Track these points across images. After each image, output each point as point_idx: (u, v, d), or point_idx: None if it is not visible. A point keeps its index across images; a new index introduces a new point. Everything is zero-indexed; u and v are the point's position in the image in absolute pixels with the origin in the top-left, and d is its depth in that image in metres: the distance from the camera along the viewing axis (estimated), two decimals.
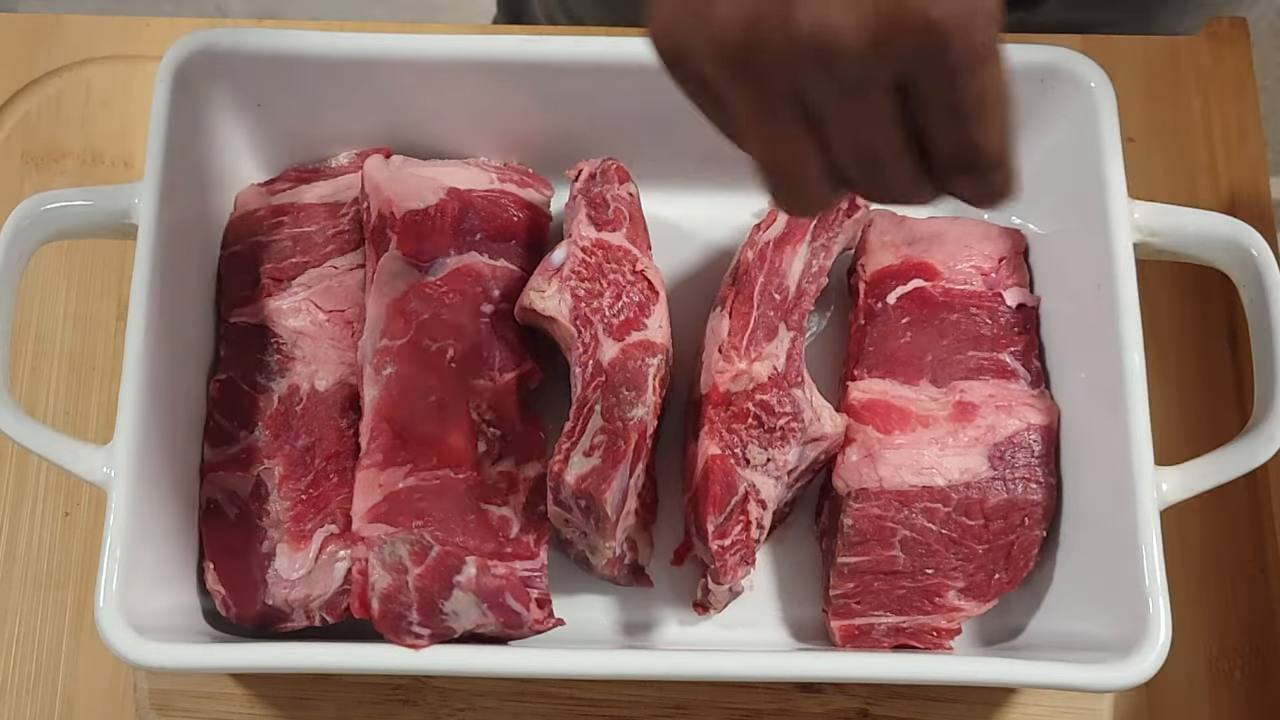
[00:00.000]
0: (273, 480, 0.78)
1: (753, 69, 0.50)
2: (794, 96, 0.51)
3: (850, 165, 0.53)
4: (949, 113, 0.51)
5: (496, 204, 0.83)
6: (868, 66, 0.49)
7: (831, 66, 0.49)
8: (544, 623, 0.75)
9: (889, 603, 0.78)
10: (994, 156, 0.52)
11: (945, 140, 0.52)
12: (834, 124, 0.51)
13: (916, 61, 0.49)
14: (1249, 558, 0.87)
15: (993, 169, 0.53)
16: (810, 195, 0.55)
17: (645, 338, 0.78)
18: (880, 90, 0.50)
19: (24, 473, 0.87)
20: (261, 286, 0.82)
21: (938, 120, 0.51)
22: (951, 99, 0.50)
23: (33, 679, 0.83)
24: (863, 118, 0.51)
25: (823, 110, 0.51)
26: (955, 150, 0.52)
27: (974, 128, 0.51)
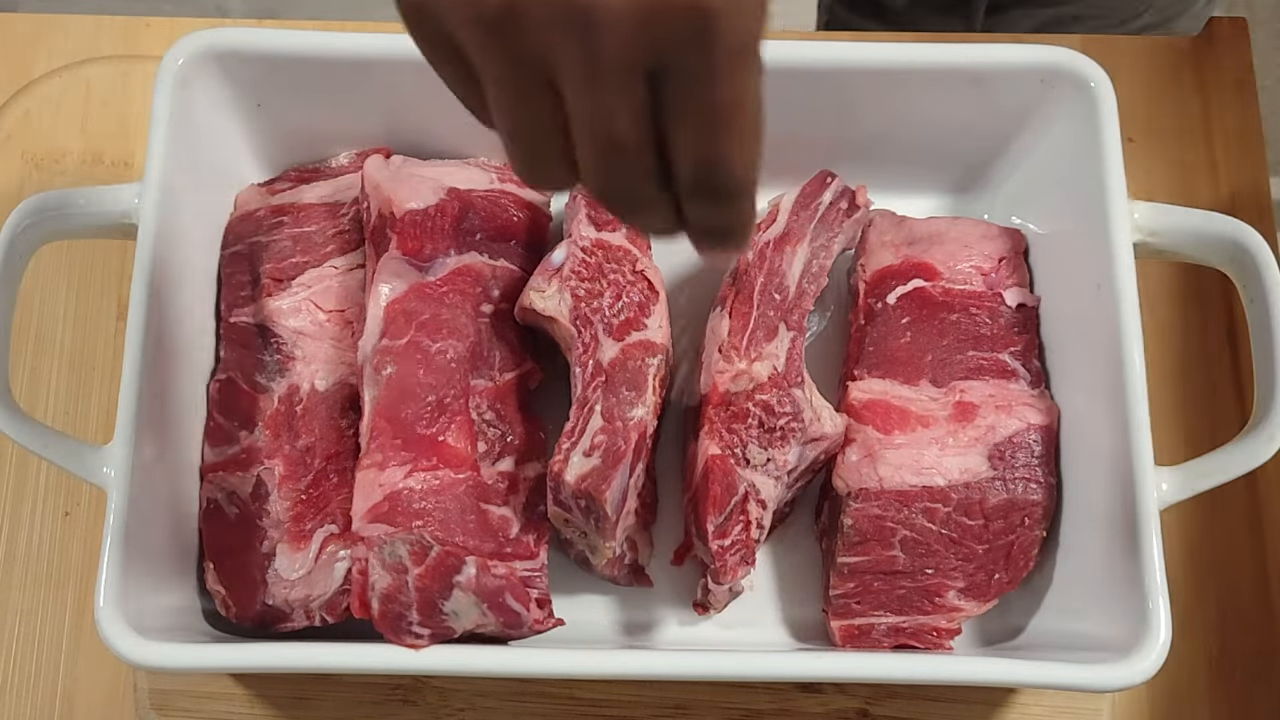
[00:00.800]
0: (273, 480, 0.78)
1: (508, 35, 0.47)
2: (546, 67, 0.48)
3: (588, 151, 0.50)
4: (699, 115, 0.48)
5: (496, 204, 0.83)
6: (626, 41, 0.46)
7: (590, 37, 0.46)
8: (544, 623, 0.75)
9: (889, 603, 0.78)
10: (737, 180, 0.50)
11: (689, 147, 0.49)
12: (579, 102, 0.48)
13: (677, 45, 0.46)
14: (1249, 558, 0.87)
15: (732, 196, 0.50)
16: (547, 173, 0.52)
17: (645, 338, 0.78)
18: (633, 74, 0.47)
19: (24, 473, 0.87)
20: (261, 286, 0.82)
21: (686, 122, 0.48)
22: (705, 97, 0.47)
23: (33, 679, 0.84)
24: (610, 100, 0.48)
25: (572, 86, 0.48)
26: (698, 160, 0.49)
27: (722, 138, 0.48)
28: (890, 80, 0.82)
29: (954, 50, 0.82)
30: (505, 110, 0.50)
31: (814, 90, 0.83)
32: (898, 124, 0.85)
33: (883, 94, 0.83)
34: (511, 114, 0.50)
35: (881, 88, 0.83)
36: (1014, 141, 0.86)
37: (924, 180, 0.90)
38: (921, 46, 0.82)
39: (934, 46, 0.82)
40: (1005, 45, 0.82)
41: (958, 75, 0.82)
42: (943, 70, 0.82)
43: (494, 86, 0.50)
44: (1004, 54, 0.82)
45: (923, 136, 0.86)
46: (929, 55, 0.82)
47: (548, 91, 0.49)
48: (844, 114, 0.84)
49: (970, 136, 0.86)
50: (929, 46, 0.82)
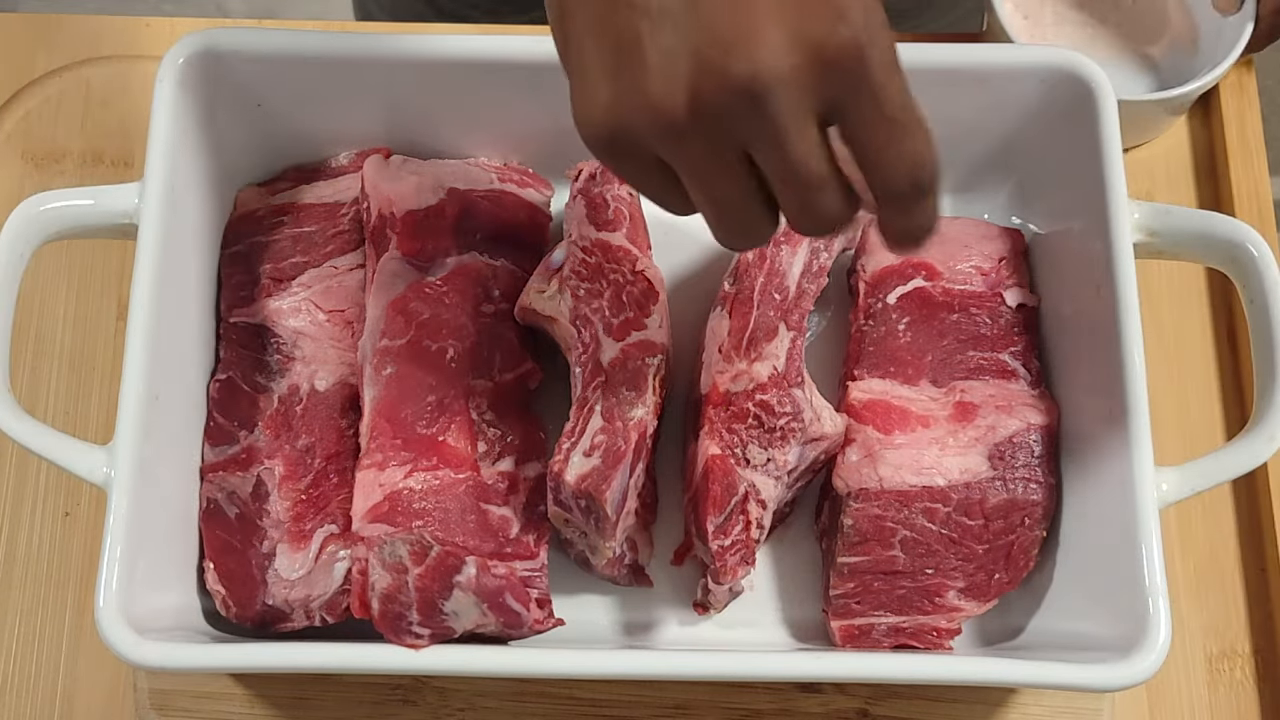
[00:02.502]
0: (273, 480, 0.78)
1: (700, 131, 0.51)
2: (737, 143, 0.52)
3: (792, 198, 0.54)
4: (881, 129, 0.52)
5: (497, 204, 0.83)
6: (797, 99, 0.51)
7: (768, 108, 0.51)
8: (544, 623, 0.75)
9: (889, 603, 0.78)
10: (930, 172, 0.54)
11: (883, 159, 0.53)
12: (773, 161, 0.53)
13: (841, 86, 0.51)
14: (1249, 558, 0.87)
15: (928, 190, 0.55)
16: (757, 231, 0.57)
17: (645, 338, 0.78)
18: (810, 121, 0.52)
19: (24, 473, 0.87)
20: (261, 286, 0.82)
21: (873, 138, 0.53)
22: (880, 113, 0.52)
23: (33, 679, 0.83)
24: (799, 150, 0.52)
25: (763, 150, 0.52)
26: (895, 166, 0.53)
27: (908, 139, 0.53)
28: None
29: (955, 50, 0.82)
30: (711, 193, 0.55)
31: None
32: None
33: None
34: (719, 194, 0.55)
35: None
36: (1014, 141, 0.85)
37: None
38: (923, 47, 0.81)
39: (935, 47, 0.82)
40: (1005, 46, 0.82)
41: (959, 76, 0.82)
42: (944, 70, 0.82)
43: (696, 176, 0.54)
44: (1004, 54, 0.82)
45: None
46: (930, 55, 0.82)
47: (742, 163, 0.54)
48: None
49: (970, 136, 0.86)
50: (930, 47, 0.82)
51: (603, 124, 0.53)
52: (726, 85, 0.50)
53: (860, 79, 0.51)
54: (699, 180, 0.54)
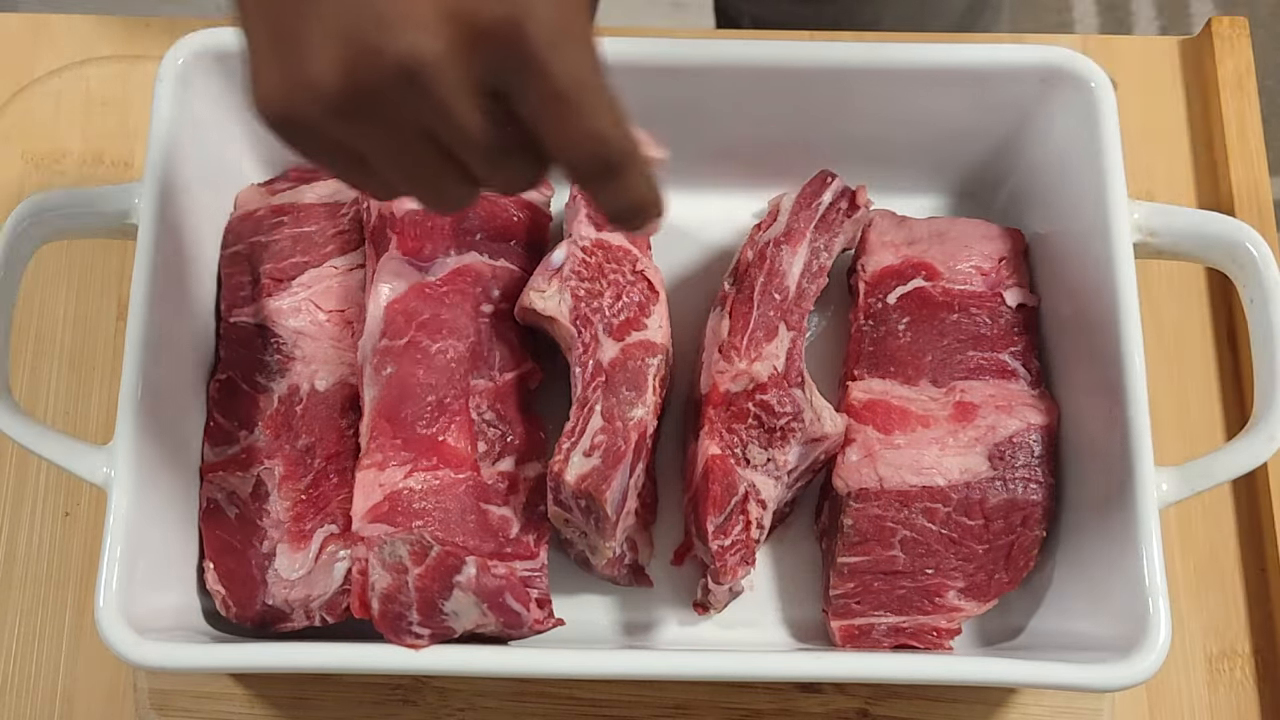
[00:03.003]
0: (273, 480, 0.78)
1: (366, 113, 0.51)
2: (410, 119, 0.52)
3: (478, 167, 0.54)
4: (546, 106, 0.52)
5: (496, 204, 0.83)
6: (455, 79, 0.50)
7: (427, 88, 0.50)
8: (544, 623, 0.75)
9: (889, 603, 0.78)
10: (611, 150, 0.53)
11: (555, 137, 0.53)
12: (448, 135, 0.53)
13: (499, 62, 0.51)
14: (1249, 558, 0.87)
15: (615, 168, 0.54)
16: (455, 198, 0.57)
17: (645, 338, 0.78)
18: (475, 98, 0.51)
19: (24, 473, 0.87)
20: (261, 286, 0.82)
21: (541, 116, 0.52)
22: (544, 90, 0.51)
23: (33, 679, 0.84)
24: (463, 128, 0.52)
25: (435, 125, 0.52)
26: (567, 144, 0.53)
27: (575, 117, 0.52)
28: (890, 80, 0.82)
29: (954, 50, 0.82)
30: (399, 170, 0.55)
31: (814, 90, 0.83)
32: (898, 124, 0.85)
33: (883, 94, 0.83)
34: (406, 170, 0.55)
35: (881, 88, 0.83)
36: (1014, 141, 0.86)
37: (924, 180, 0.90)
38: (921, 46, 0.82)
39: (934, 46, 0.82)
40: (1005, 45, 0.82)
41: (958, 75, 0.82)
42: (943, 70, 0.82)
43: (376, 156, 0.54)
44: (1004, 54, 0.82)
45: (923, 136, 0.86)
46: (929, 55, 0.82)
47: (423, 138, 0.53)
48: (844, 114, 0.84)
49: (970, 136, 0.86)
50: (929, 46, 0.82)
51: (272, 108, 0.52)
52: (380, 64, 0.50)
53: (519, 55, 0.50)
54: (380, 159, 0.54)
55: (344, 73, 0.50)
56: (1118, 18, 2.00)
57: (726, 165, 0.88)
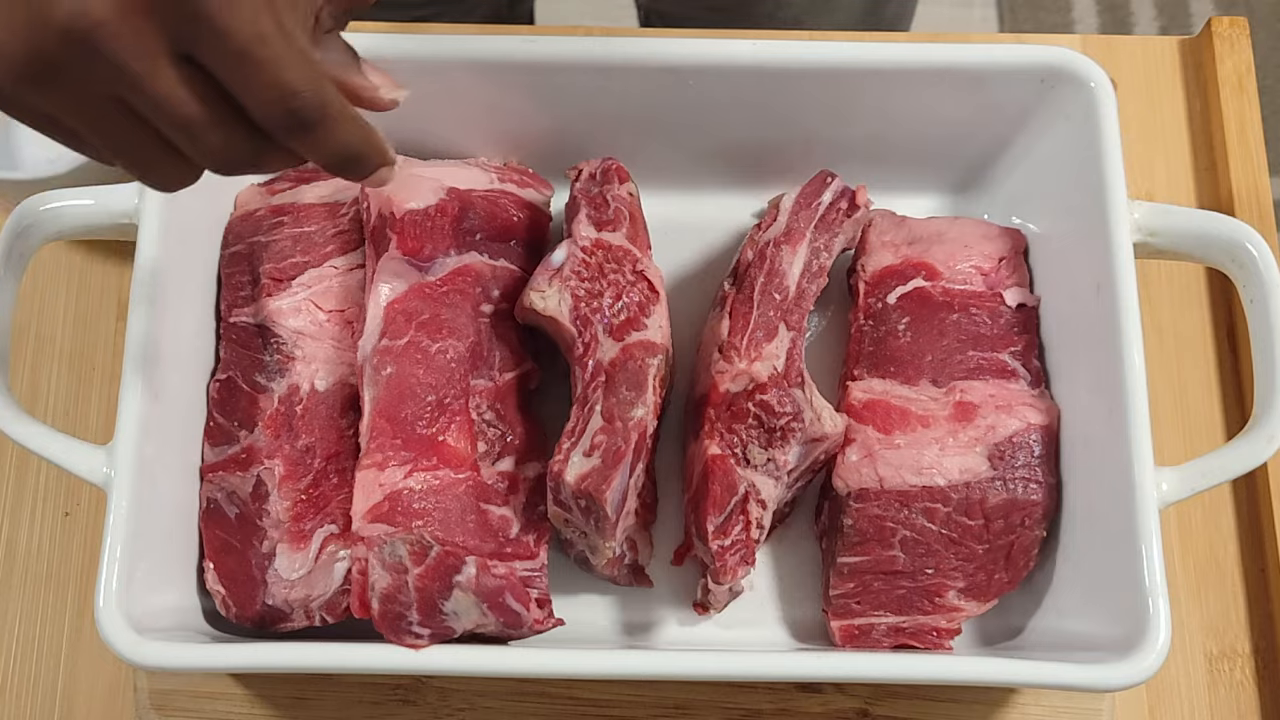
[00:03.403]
0: (273, 480, 0.78)
1: (53, 82, 0.51)
2: (100, 89, 0.52)
3: (177, 139, 0.54)
4: (229, 65, 0.52)
5: (496, 204, 0.83)
6: (138, 44, 0.50)
7: (104, 55, 0.50)
8: (544, 623, 0.75)
9: (889, 603, 0.79)
10: (303, 103, 0.53)
11: (245, 96, 0.53)
12: (141, 105, 0.52)
13: (175, 24, 0.51)
14: (1249, 558, 0.87)
15: (312, 123, 0.54)
16: (166, 173, 0.56)
17: (645, 338, 0.78)
18: (164, 62, 0.51)
19: (24, 473, 0.87)
20: (261, 286, 0.82)
21: (228, 76, 0.52)
22: (223, 49, 0.51)
23: (33, 679, 0.84)
24: (159, 90, 0.52)
25: (127, 95, 0.52)
26: (258, 102, 0.53)
27: (258, 73, 0.52)
28: (890, 80, 0.82)
29: (954, 50, 0.82)
30: (104, 140, 0.54)
31: (814, 91, 0.83)
32: (898, 124, 0.85)
33: (883, 94, 0.83)
34: (110, 140, 0.54)
35: (881, 88, 0.83)
36: (1014, 141, 0.86)
37: (924, 180, 0.90)
38: (921, 46, 0.82)
39: (934, 46, 0.82)
40: (1005, 45, 0.82)
41: (958, 75, 0.82)
42: (943, 70, 0.82)
43: (81, 125, 0.54)
44: (1004, 54, 0.82)
45: (923, 136, 0.86)
46: (929, 55, 0.82)
47: (120, 108, 0.53)
48: (844, 114, 0.84)
49: (970, 136, 0.86)
50: (929, 46, 0.82)
51: None
52: (50, 29, 0.49)
53: (193, 14, 0.50)
54: (83, 129, 0.54)
55: (23, 39, 0.50)
56: (1118, 18, 2.00)
57: (727, 165, 0.89)
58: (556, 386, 0.82)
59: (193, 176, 0.57)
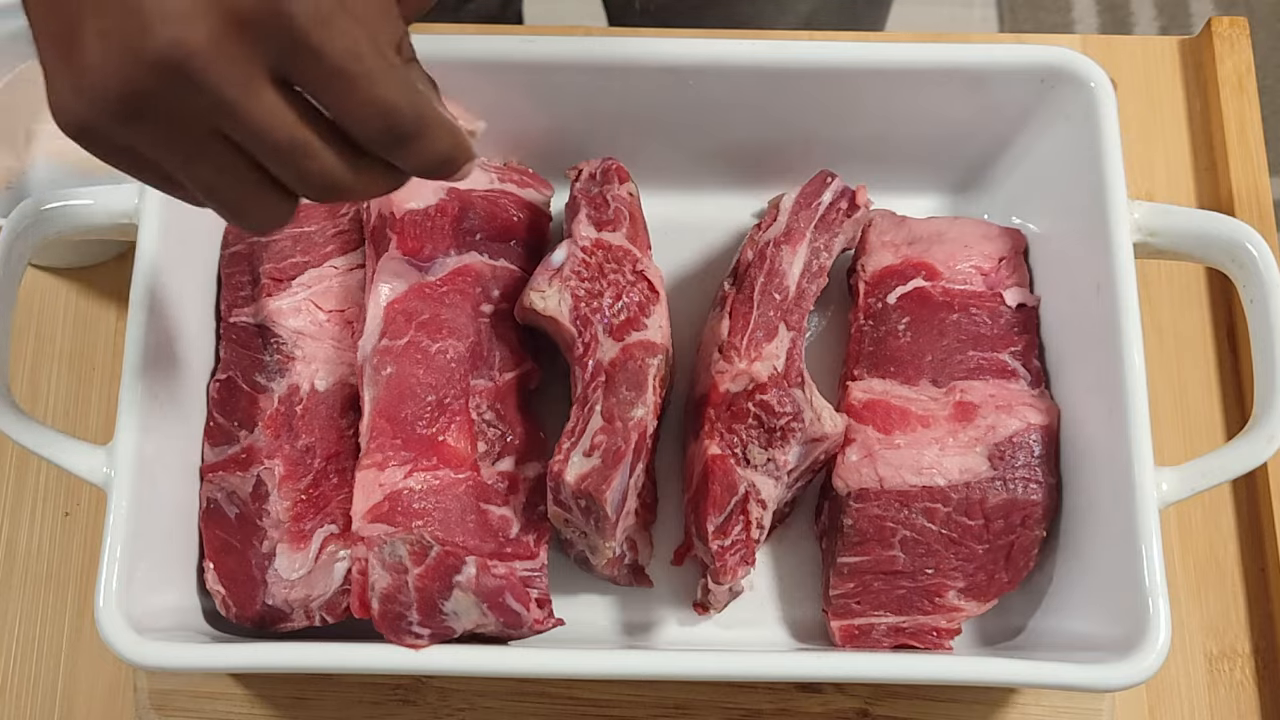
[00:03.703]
0: (273, 480, 0.78)
1: (148, 117, 0.51)
2: (196, 121, 0.51)
3: (278, 167, 0.53)
4: (328, 84, 0.51)
5: (496, 204, 0.83)
6: (235, 70, 0.50)
7: (200, 83, 0.49)
8: (544, 623, 0.75)
9: (889, 602, 0.79)
10: (404, 117, 0.53)
11: (345, 115, 0.52)
12: (240, 134, 0.52)
13: (272, 46, 0.50)
14: (1249, 557, 0.87)
15: (410, 135, 0.53)
16: (263, 209, 0.56)
17: (645, 338, 0.78)
18: (263, 86, 0.51)
19: (24, 473, 0.88)
20: (261, 286, 0.82)
21: (326, 96, 0.52)
22: (322, 66, 0.51)
23: (33, 679, 0.84)
24: (260, 118, 0.51)
25: (225, 125, 0.51)
26: (361, 120, 0.52)
27: (359, 84, 0.51)
28: (890, 80, 0.82)
29: (954, 50, 0.82)
30: (193, 177, 0.53)
31: (815, 91, 0.83)
32: (898, 124, 0.85)
33: (883, 94, 0.83)
34: (201, 178, 0.53)
35: (881, 87, 0.83)
36: (1014, 141, 0.86)
37: (924, 180, 0.90)
38: (921, 46, 0.82)
39: (934, 46, 0.82)
40: (1005, 45, 0.83)
41: (958, 75, 0.82)
42: (943, 70, 0.82)
43: (171, 162, 0.53)
44: (1004, 54, 0.82)
45: (923, 136, 0.87)
46: (929, 55, 0.82)
47: (217, 141, 0.52)
48: (844, 114, 0.85)
49: (970, 136, 0.86)
50: (929, 46, 0.82)
51: (64, 118, 0.52)
52: (144, 62, 0.49)
53: (289, 36, 0.50)
54: (175, 166, 0.53)
55: (117, 75, 0.49)
56: (1118, 18, 2.00)
57: (727, 165, 0.89)
58: (556, 386, 0.82)
59: (289, 212, 0.56)
